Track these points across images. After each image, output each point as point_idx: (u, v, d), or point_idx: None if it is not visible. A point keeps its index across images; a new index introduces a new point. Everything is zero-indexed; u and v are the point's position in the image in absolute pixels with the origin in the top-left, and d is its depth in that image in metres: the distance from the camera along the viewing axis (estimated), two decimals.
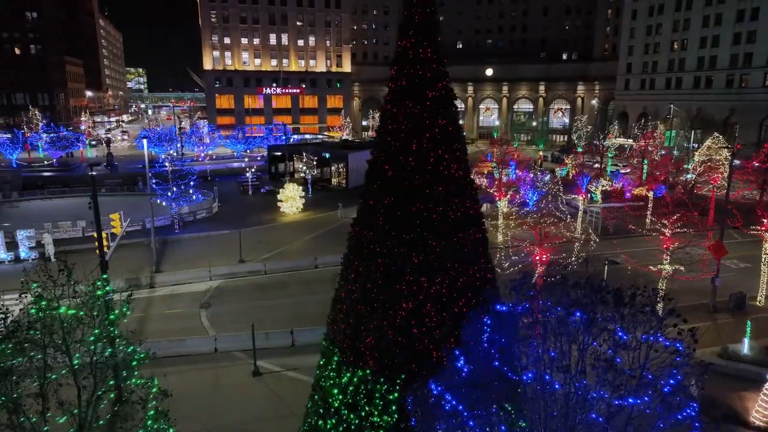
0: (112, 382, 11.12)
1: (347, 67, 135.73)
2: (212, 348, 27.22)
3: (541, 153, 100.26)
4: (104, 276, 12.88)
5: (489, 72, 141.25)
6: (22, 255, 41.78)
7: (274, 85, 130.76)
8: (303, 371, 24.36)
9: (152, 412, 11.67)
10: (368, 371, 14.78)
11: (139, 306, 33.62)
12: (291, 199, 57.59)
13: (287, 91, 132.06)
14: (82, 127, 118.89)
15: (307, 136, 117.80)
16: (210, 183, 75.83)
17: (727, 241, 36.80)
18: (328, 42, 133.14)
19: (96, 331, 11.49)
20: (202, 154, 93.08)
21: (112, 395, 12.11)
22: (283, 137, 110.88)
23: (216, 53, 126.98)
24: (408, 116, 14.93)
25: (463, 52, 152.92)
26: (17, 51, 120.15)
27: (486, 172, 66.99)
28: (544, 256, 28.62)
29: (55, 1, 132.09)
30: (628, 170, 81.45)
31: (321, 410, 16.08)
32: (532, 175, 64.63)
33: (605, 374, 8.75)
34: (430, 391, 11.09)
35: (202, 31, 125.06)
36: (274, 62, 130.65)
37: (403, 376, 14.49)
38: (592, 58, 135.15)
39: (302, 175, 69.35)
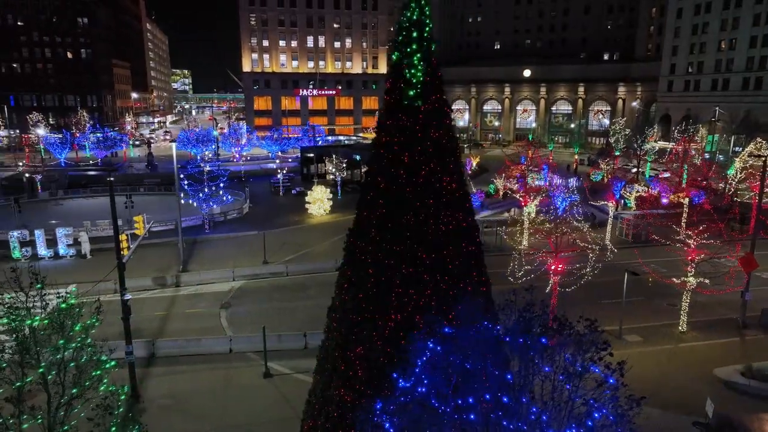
0: (75, 390, 11.54)
1: (383, 68, 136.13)
2: (227, 348, 27.96)
3: (576, 156, 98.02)
4: (73, 289, 13.25)
5: (527, 73, 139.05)
6: (61, 252, 43.90)
7: (311, 86, 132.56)
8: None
9: (115, 421, 12.01)
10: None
11: (163, 305, 34.88)
12: (319, 201, 58.35)
13: (323, 92, 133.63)
14: (127, 128, 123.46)
15: (341, 138, 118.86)
16: (244, 183, 77.65)
17: (761, 252, 35.26)
18: (364, 44, 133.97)
19: (61, 342, 12.01)
20: (238, 155, 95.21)
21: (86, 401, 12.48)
22: (317, 139, 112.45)
23: (255, 56, 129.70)
24: (400, 129, 15.04)
25: (501, 52, 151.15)
26: (69, 55, 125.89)
27: (517, 176, 65.65)
28: (560, 266, 28.15)
29: (105, 7, 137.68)
30: (668, 175, 78.76)
31: (315, 415, 16.40)
32: (560, 180, 63.47)
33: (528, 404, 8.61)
34: (372, 412, 11.13)
35: (242, 34, 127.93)
36: (311, 64, 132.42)
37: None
38: (635, 58, 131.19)
39: (332, 176, 70.09)
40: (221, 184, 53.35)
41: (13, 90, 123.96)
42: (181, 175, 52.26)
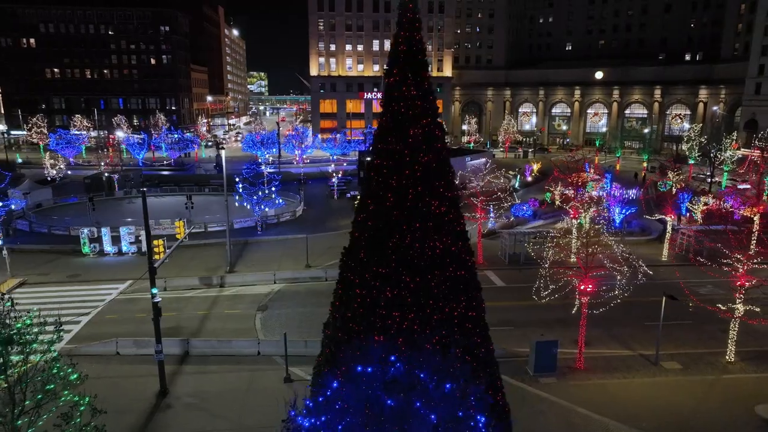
0: (27, 402, 12.46)
1: (448, 71, 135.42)
2: (255, 351, 29.13)
3: (645, 164, 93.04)
4: (34, 314, 14.09)
5: (599, 75, 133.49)
6: (124, 249, 47.29)
7: (375, 89, 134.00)
8: None
9: (75, 429, 12.86)
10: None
11: (206, 304, 36.80)
12: None
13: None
14: (200, 129, 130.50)
15: None
16: (301, 186, 80.00)
17: None
18: (429, 46, 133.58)
19: (20, 357, 12.98)
20: (299, 157, 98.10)
21: (54, 409, 13.32)
22: None
23: (322, 60, 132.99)
24: (389, 153, 15.23)
25: (572, 54, 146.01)
26: (152, 61, 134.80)
27: (576, 184, 62.82)
28: (589, 286, 27.09)
29: (186, 15, 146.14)
30: (746, 186, 73.04)
31: None
32: (620, 191, 60.61)
33: None
34: None
35: (310, 39, 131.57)
36: (376, 67, 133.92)
37: None
38: (719, 59, 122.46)
39: None
40: (273, 188, 55.34)
41: (103, 94, 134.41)
42: (237, 178, 54.83)
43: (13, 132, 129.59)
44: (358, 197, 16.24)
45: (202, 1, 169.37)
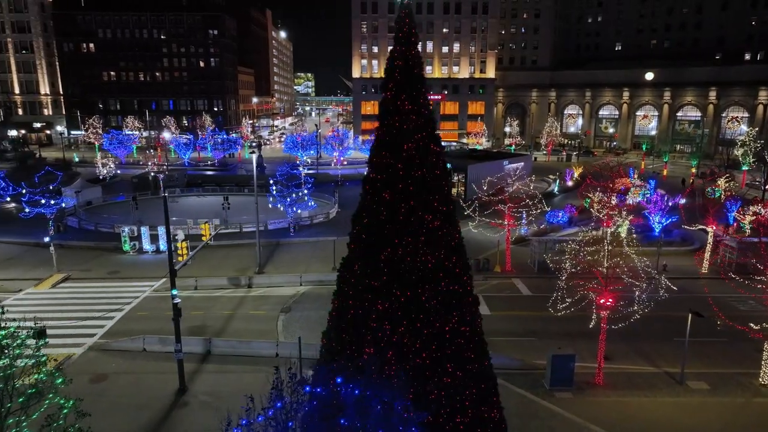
0: (9, 405, 13.05)
1: (491, 72, 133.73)
2: (273, 353, 29.75)
3: (693, 169, 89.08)
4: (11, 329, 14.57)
5: (649, 76, 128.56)
6: (161, 247, 49.15)
7: None
8: None
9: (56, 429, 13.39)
10: None
11: (232, 304, 37.84)
12: None
13: (429, 97, 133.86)
14: (244, 130, 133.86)
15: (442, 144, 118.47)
16: (338, 187, 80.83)
17: None
18: (472, 48, 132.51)
19: (4, 361, 13.59)
20: (338, 159, 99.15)
21: (35, 414, 13.66)
22: None
23: (364, 61, 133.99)
24: (384, 166, 15.32)
25: (621, 54, 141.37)
26: (201, 64, 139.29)
27: (613, 190, 60.60)
28: (609, 300, 26.27)
29: (234, 19, 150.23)
30: None
31: None
32: (662, 198, 58.25)
33: None
34: None
35: (353, 41, 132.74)
36: None
37: None
38: None
39: None
40: (306, 190, 56.22)
41: (154, 96, 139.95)
42: (271, 180, 56.01)
43: (73, 132, 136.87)
44: (355, 214, 16.37)
45: (249, 5, 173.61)
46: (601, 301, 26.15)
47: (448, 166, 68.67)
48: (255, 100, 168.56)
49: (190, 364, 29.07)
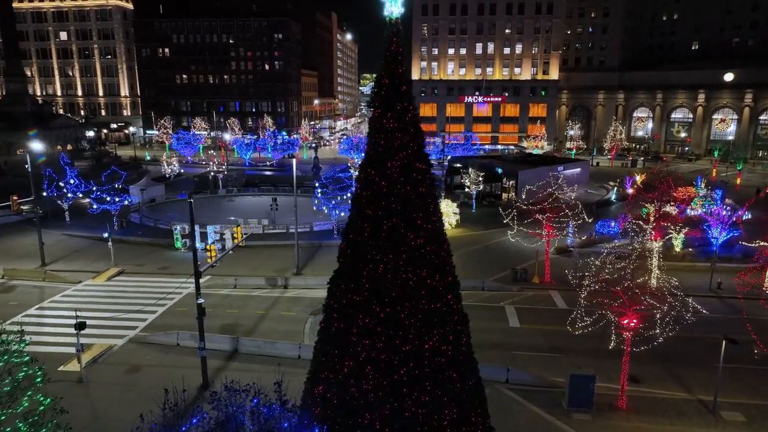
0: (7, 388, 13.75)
1: (554, 74, 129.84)
2: (296, 354, 30.58)
3: None
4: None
5: (728, 77, 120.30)
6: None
7: (477, 93, 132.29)
8: None
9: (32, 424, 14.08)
10: None
11: (266, 304, 39.15)
12: (444, 215, 58.77)
13: (489, 99, 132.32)
14: (302, 132, 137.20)
15: (499, 147, 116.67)
16: None
17: None
18: (535, 49, 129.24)
19: None
20: None
21: (20, 408, 14.42)
22: (474, 147, 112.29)
23: (423, 64, 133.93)
24: (369, 183, 15.51)
25: (698, 53, 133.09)
26: (266, 67, 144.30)
27: (677, 200, 56.78)
28: (633, 322, 25.05)
29: (299, 23, 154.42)
30: None
31: None
32: (727, 210, 54.44)
33: None
34: None
35: (413, 44, 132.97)
36: (478, 71, 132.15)
37: None
38: None
39: (467, 189, 69.87)
40: (350, 193, 57.05)
41: (222, 98, 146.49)
42: (316, 183, 57.28)
43: (148, 132, 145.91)
44: (344, 230, 16.65)
45: (315, 9, 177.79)
46: (624, 321, 24.97)
47: (498, 170, 68.09)
48: (316, 101, 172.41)
49: (217, 360, 30.48)
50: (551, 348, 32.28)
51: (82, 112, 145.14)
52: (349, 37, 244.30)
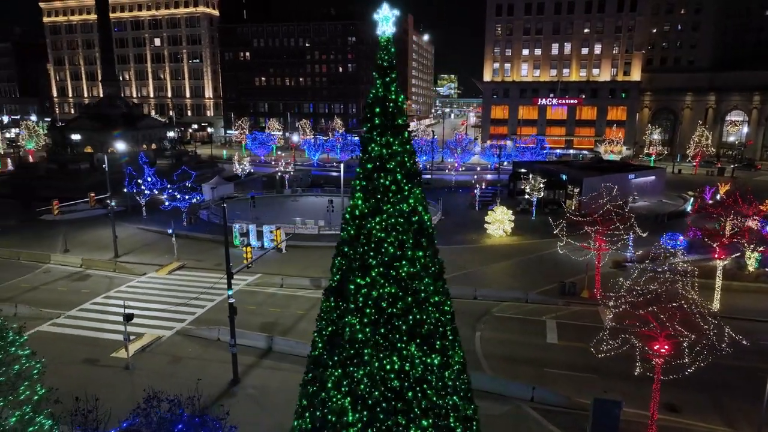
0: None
1: (636, 75, 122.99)
2: None
3: None
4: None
5: None
6: (265, 244, 53.76)
7: (551, 95, 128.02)
8: None
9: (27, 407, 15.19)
10: None
11: (308, 304, 40.36)
12: (498, 222, 57.75)
13: (564, 101, 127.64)
14: None
15: (571, 152, 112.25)
16: (451, 193, 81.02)
17: None
18: (616, 49, 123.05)
19: None
20: (458, 164, 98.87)
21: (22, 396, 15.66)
22: (545, 151, 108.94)
23: (496, 65, 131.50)
24: (359, 197, 15.78)
25: (761, 52, 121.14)
26: (340, 69, 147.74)
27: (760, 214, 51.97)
28: (664, 347, 23.53)
29: (373, 26, 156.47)
30: None
31: None
32: None
33: None
34: None
35: (486, 45, 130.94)
36: (553, 72, 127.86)
37: None
38: None
39: (527, 196, 67.97)
40: None
41: (297, 99, 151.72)
42: None
43: (228, 132, 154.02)
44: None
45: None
46: (655, 347, 23.51)
47: (563, 177, 66.12)
48: None
49: (250, 357, 31.94)
50: (586, 367, 30.92)
51: (171, 113, 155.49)
52: (425, 38, 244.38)
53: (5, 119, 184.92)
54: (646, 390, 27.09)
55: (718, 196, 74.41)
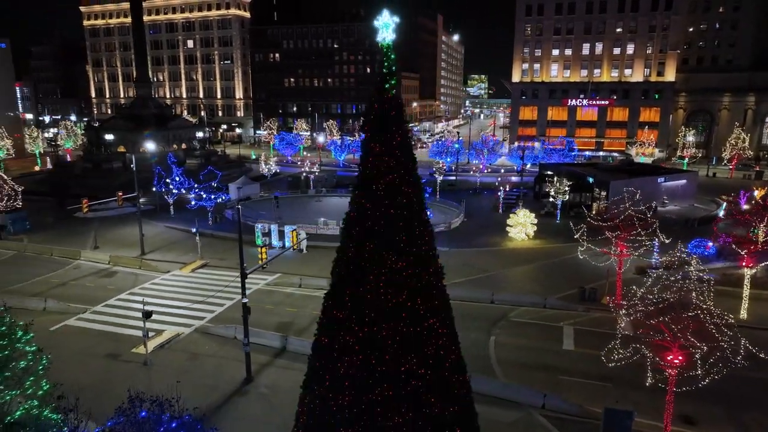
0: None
1: (670, 75, 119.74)
2: None
3: None
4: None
5: None
6: (286, 244, 54.41)
7: (581, 96, 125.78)
8: None
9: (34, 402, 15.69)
10: None
11: None
12: (520, 225, 57.11)
13: (595, 102, 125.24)
14: None
15: (601, 154, 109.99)
16: (475, 195, 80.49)
17: None
18: (649, 48, 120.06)
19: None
20: (483, 166, 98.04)
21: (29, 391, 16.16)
22: (573, 153, 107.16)
23: (525, 65, 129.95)
24: (356, 204, 15.93)
25: None
26: (368, 70, 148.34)
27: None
28: (678, 358, 22.98)
29: (409, 26, 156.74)
30: None
31: None
32: None
33: None
34: None
35: (515, 45, 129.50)
36: (583, 72, 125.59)
37: None
38: None
39: (551, 198, 66.94)
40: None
41: (325, 100, 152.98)
42: None
43: (258, 132, 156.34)
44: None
45: (418, 12, 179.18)
46: (669, 357, 22.98)
47: (590, 179, 65.08)
48: (414, 104, 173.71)
49: (264, 356, 32.43)
50: (602, 376, 30.31)
51: (202, 113, 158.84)
52: (455, 38, 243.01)
53: (47, 119, 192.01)
54: (660, 400, 26.48)
55: (753, 201, 71.90)
